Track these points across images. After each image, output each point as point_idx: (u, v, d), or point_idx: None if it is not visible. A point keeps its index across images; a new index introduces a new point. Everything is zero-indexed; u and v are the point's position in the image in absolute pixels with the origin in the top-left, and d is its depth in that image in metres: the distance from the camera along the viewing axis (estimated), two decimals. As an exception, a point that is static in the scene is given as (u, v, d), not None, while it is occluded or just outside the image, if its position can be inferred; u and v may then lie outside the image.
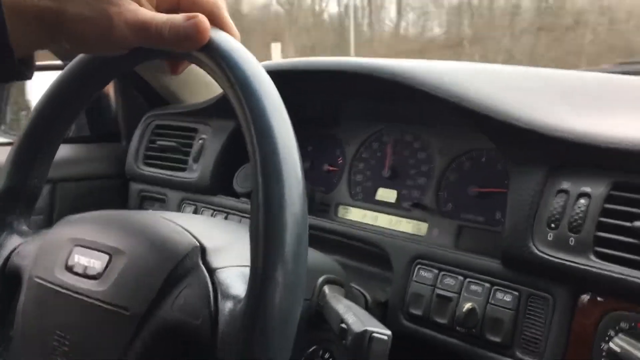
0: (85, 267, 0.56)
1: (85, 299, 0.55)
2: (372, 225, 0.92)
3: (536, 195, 0.65)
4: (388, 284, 0.79)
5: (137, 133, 1.15)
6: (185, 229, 0.57)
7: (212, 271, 0.52)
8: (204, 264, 0.53)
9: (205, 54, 0.50)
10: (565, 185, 0.64)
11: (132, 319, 0.51)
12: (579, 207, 0.62)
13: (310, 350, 0.65)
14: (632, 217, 0.58)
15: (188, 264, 0.52)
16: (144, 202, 1.13)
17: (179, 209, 1.06)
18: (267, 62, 0.88)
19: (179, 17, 0.47)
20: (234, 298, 0.48)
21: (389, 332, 0.54)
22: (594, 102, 0.75)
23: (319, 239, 0.87)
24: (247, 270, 0.46)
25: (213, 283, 0.51)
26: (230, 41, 0.49)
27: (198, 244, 0.54)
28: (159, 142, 1.10)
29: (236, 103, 0.47)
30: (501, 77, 0.80)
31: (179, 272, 0.52)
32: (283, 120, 0.47)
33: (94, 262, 0.56)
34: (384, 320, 0.77)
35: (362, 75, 0.77)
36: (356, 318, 0.55)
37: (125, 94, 1.20)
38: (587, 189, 0.62)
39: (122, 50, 0.49)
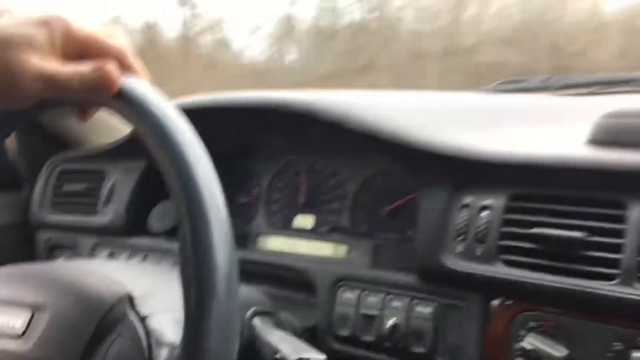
0: (5, 327, 0.54)
1: (9, 359, 0.52)
2: (293, 252, 0.94)
3: (443, 211, 0.70)
4: (314, 308, 0.81)
5: (41, 179, 1.11)
6: (109, 276, 0.56)
7: (142, 319, 0.52)
8: (134, 312, 0.52)
9: (118, 102, 0.50)
10: (467, 200, 0.69)
11: None
12: (482, 220, 0.67)
13: None
14: (530, 224, 0.64)
15: (117, 313, 0.52)
16: (54, 251, 1.08)
17: (92, 254, 1.03)
18: (177, 101, 0.88)
19: (87, 68, 0.46)
20: (169, 345, 0.48)
21: (323, 356, 0.56)
22: (486, 121, 0.82)
23: (242, 272, 0.87)
24: (179, 315, 0.45)
25: (145, 330, 0.51)
26: (141, 87, 0.49)
27: (125, 291, 0.54)
28: (65, 188, 1.07)
29: (156, 150, 0.48)
30: (403, 102, 0.85)
31: (108, 322, 0.51)
32: (204, 164, 0.47)
33: (15, 320, 0.54)
34: (313, 344, 0.79)
35: (271, 109, 0.80)
36: (289, 346, 0.57)
37: (24, 139, 1.15)
38: (488, 202, 0.68)
39: (28, 102, 0.47)
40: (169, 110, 0.49)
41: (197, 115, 0.88)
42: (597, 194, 0.61)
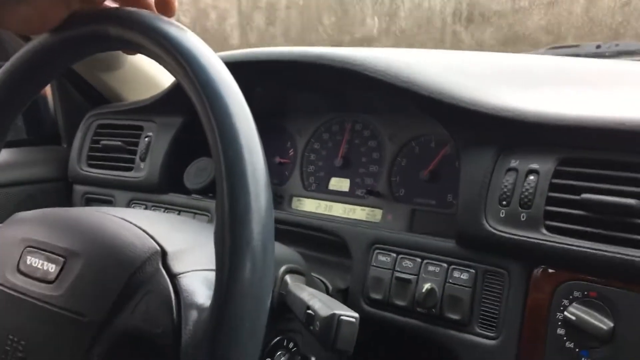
0: (39, 270, 0.54)
1: (40, 303, 0.52)
2: (327, 214, 0.93)
3: (487, 175, 0.67)
4: (347, 271, 0.80)
5: (79, 134, 1.11)
6: (145, 230, 0.55)
7: (174, 276, 0.50)
8: (165, 269, 0.51)
9: (161, 49, 0.48)
10: (514, 163, 0.66)
11: (89, 326, 0.49)
12: (528, 184, 0.64)
13: (274, 341, 0.64)
14: (579, 190, 0.61)
15: (148, 270, 0.50)
16: (89, 204, 1.09)
17: (127, 209, 1.03)
18: (220, 54, 0.86)
19: None
20: (198, 307, 0.47)
21: (356, 315, 0.55)
22: (536, 82, 0.78)
23: (275, 231, 0.85)
24: (211, 275, 0.44)
25: (175, 289, 0.49)
26: (187, 36, 0.48)
27: (158, 247, 0.52)
28: (102, 142, 1.07)
29: (197, 100, 0.46)
30: (448, 61, 0.81)
31: (139, 277, 0.50)
32: (248, 123, 0.45)
33: (48, 264, 0.54)
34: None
35: (312, 63, 0.77)
36: (322, 303, 0.55)
37: (63, 94, 1.16)
38: (535, 166, 0.64)
39: (61, 15, 0.48)
40: (217, 66, 0.46)
41: (234, 70, 0.86)
42: (654, 159, 0.58)
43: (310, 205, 0.96)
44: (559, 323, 0.61)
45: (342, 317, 0.53)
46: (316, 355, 0.66)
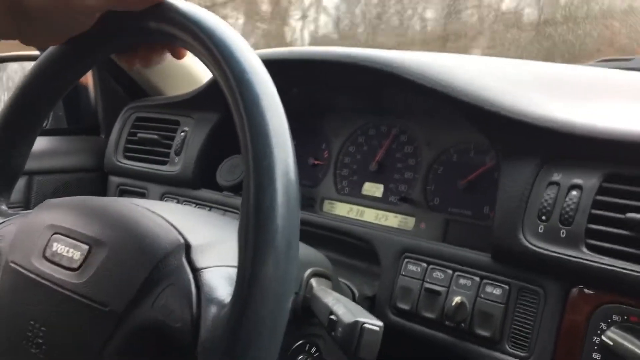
0: (63, 257, 0.54)
1: (62, 290, 0.52)
2: (359, 219, 0.91)
3: (527, 187, 0.64)
4: (375, 278, 0.78)
5: (117, 125, 1.12)
6: (170, 222, 0.54)
7: (196, 271, 0.49)
8: (188, 262, 0.50)
9: (197, 41, 0.48)
10: (556, 177, 0.63)
11: (110, 316, 0.49)
12: (571, 199, 0.61)
13: (297, 345, 0.63)
14: (624, 208, 0.58)
15: (172, 262, 0.50)
16: (123, 196, 1.10)
17: (160, 203, 1.03)
18: (257, 51, 0.85)
19: None
20: (218, 303, 0.46)
21: (380, 323, 0.53)
22: (583, 94, 0.75)
23: (305, 234, 0.84)
24: (234, 272, 0.43)
25: (197, 284, 0.48)
26: (223, 28, 0.47)
27: (183, 240, 0.51)
28: (139, 135, 1.08)
29: (230, 95, 0.45)
30: (490, 68, 0.79)
31: (162, 270, 0.49)
32: (279, 118, 0.44)
33: (73, 252, 0.54)
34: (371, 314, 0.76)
35: (351, 64, 0.75)
36: (346, 309, 0.54)
37: (104, 85, 1.17)
38: (579, 181, 0.61)
39: (91, 16, 0.49)
40: (251, 59, 0.46)
41: (271, 68, 0.86)
42: None
43: (342, 209, 0.95)
44: (595, 347, 0.57)
45: (365, 325, 0.52)
46: None
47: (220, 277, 0.49)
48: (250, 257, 0.41)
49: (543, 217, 0.62)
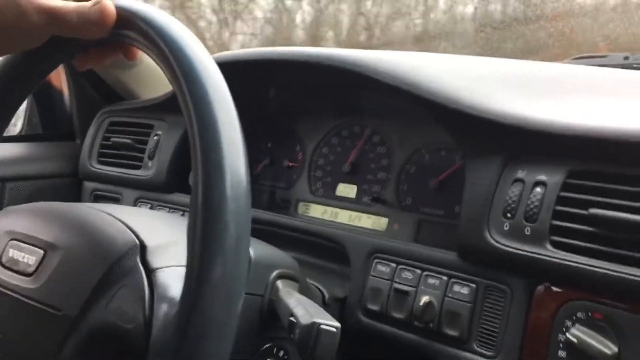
0: (19, 263, 0.53)
1: (17, 296, 0.51)
2: (332, 221, 0.90)
3: (492, 185, 0.64)
4: (347, 280, 0.77)
5: (91, 130, 1.11)
6: (126, 224, 0.53)
7: (150, 272, 0.49)
8: (142, 263, 0.50)
9: (141, 36, 0.47)
10: (520, 174, 0.62)
11: (64, 320, 0.48)
12: (535, 196, 0.60)
13: (264, 348, 0.62)
14: (588, 204, 0.57)
15: (126, 264, 0.49)
16: (97, 201, 1.09)
17: (134, 208, 1.02)
18: (222, 53, 0.85)
19: (87, 4, 0.48)
20: (170, 301, 0.45)
21: (337, 324, 0.52)
22: (550, 91, 0.74)
23: (278, 236, 0.84)
24: None
25: (150, 284, 0.48)
26: (171, 24, 0.47)
27: (138, 241, 0.51)
28: (113, 139, 1.07)
29: (176, 87, 0.45)
30: (456, 66, 0.78)
31: (116, 272, 0.49)
32: (228, 110, 0.44)
33: (28, 257, 0.53)
34: (341, 317, 0.75)
35: (317, 64, 0.75)
36: (305, 311, 0.53)
37: (78, 90, 1.16)
38: (543, 178, 0.61)
39: (36, 40, 0.49)
40: (198, 51, 0.45)
41: (240, 69, 0.85)
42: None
43: (316, 211, 0.94)
44: (561, 345, 0.57)
45: (322, 327, 0.51)
46: None
47: (175, 277, 0.48)
48: (198, 254, 0.40)
49: (508, 215, 0.62)
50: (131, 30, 0.48)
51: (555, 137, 0.60)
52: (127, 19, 0.48)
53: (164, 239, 0.53)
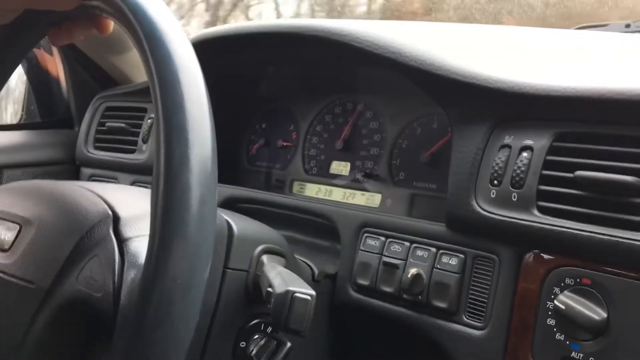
0: None
1: None
2: (327, 199, 0.89)
3: (478, 152, 0.62)
4: (339, 257, 0.76)
5: (87, 116, 1.11)
6: (101, 196, 0.53)
7: (122, 241, 0.48)
8: (115, 233, 0.49)
9: (106, 4, 0.47)
10: (507, 139, 0.61)
11: (37, 293, 0.47)
12: (521, 161, 0.59)
13: (251, 324, 0.61)
14: (575, 167, 0.55)
15: (98, 234, 0.48)
16: (95, 186, 1.09)
17: (130, 192, 1.02)
18: (206, 30, 0.84)
19: None
20: (139, 267, 0.45)
21: (312, 292, 0.51)
22: (536, 55, 0.72)
23: (273, 215, 0.83)
24: None
25: (122, 253, 0.47)
26: None
27: (111, 212, 0.50)
28: (108, 124, 1.06)
29: (140, 51, 0.44)
30: (441, 33, 0.76)
31: (88, 242, 0.48)
32: (191, 70, 0.42)
33: (5, 233, 0.52)
34: (332, 292, 0.74)
35: (300, 35, 0.73)
36: (281, 280, 0.52)
37: (74, 77, 1.16)
38: (530, 142, 0.59)
39: (10, 14, 0.49)
40: (161, 15, 0.44)
41: (225, 43, 0.84)
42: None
43: (311, 190, 0.93)
44: (549, 313, 0.55)
45: (296, 294, 0.50)
46: (292, 340, 0.63)
47: (146, 245, 0.48)
48: (160, 215, 0.39)
49: (495, 182, 0.60)
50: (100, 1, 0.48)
51: (540, 99, 0.58)
52: None
53: (138, 210, 0.52)
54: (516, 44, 0.77)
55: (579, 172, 0.54)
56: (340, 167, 0.90)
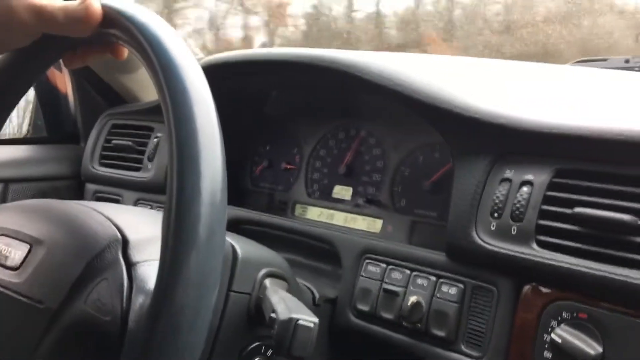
0: (6, 257, 0.54)
1: (2, 290, 0.52)
2: (328, 223, 0.90)
3: (479, 185, 0.63)
4: (339, 281, 0.77)
5: (93, 132, 1.12)
6: (110, 219, 0.54)
7: (131, 265, 0.49)
8: (124, 257, 0.50)
9: (124, 33, 0.48)
10: (508, 173, 0.62)
11: (45, 313, 0.48)
12: (522, 195, 0.60)
13: (252, 347, 0.62)
14: (574, 204, 0.57)
15: (107, 257, 0.49)
16: (100, 203, 1.10)
17: (134, 209, 1.03)
18: (216, 55, 0.86)
19: (74, 3, 0.49)
20: (147, 293, 0.46)
21: (315, 320, 0.52)
22: (539, 92, 0.74)
23: (274, 237, 0.85)
24: None
25: (130, 278, 0.48)
26: (151, 19, 0.48)
27: (120, 235, 0.51)
28: (114, 142, 1.08)
29: (155, 82, 0.45)
30: (446, 66, 0.78)
31: (97, 265, 0.49)
32: (205, 104, 0.44)
33: (15, 252, 0.53)
34: (332, 317, 0.75)
35: (310, 65, 0.75)
36: (285, 307, 0.53)
37: (82, 93, 1.18)
38: (530, 177, 0.60)
39: (26, 39, 0.51)
40: (178, 48, 0.46)
41: (239, 72, 0.86)
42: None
43: (312, 213, 0.94)
44: (546, 346, 0.56)
45: (299, 322, 0.51)
46: None
47: (155, 270, 0.48)
48: (171, 245, 0.40)
49: (495, 214, 0.62)
50: (116, 28, 0.49)
51: (542, 137, 0.60)
52: (112, 17, 0.49)
53: (147, 234, 0.53)
54: (518, 78, 0.79)
55: (577, 209, 0.55)
56: (343, 192, 0.91)
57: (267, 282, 0.63)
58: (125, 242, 0.51)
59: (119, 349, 0.45)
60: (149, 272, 0.49)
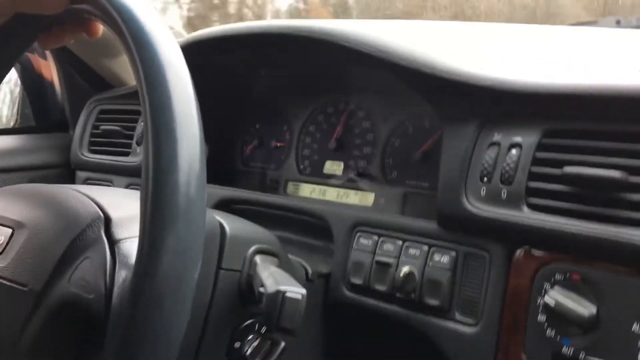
0: None
1: None
2: (320, 199, 0.89)
3: (468, 150, 0.62)
4: (332, 256, 0.76)
5: (81, 119, 1.11)
6: (92, 199, 0.53)
7: (114, 242, 0.49)
8: (106, 235, 0.49)
9: (95, 7, 0.47)
10: (497, 137, 0.61)
11: (29, 295, 0.48)
12: (510, 158, 0.59)
13: (245, 324, 0.61)
14: (563, 164, 0.56)
15: (89, 236, 0.49)
16: (90, 190, 1.09)
17: (125, 194, 1.02)
18: (198, 32, 0.84)
19: None
20: (130, 268, 0.45)
21: (303, 291, 0.51)
22: (525, 54, 0.72)
23: (267, 216, 0.84)
24: None
25: (113, 255, 0.48)
26: None
27: (102, 214, 0.51)
28: (102, 127, 1.07)
29: (127, 53, 0.44)
30: (430, 31, 0.77)
31: (79, 244, 0.48)
32: (178, 71, 0.43)
33: None
34: (326, 292, 0.74)
35: (289, 35, 0.74)
36: (273, 280, 0.52)
37: (68, 81, 1.16)
38: (518, 139, 0.59)
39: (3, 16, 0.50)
40: (147, 15, 0.45)
41: (212, 44, 0.84)
42: (642, 128, 0.52)
43: (305, 191, 0.93)
44: (540, 309, 0.55)
45: (287, 294, 0.50)
46: (286, 340, 0.63)
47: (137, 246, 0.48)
48: (149, 215, 0.39)
49: (485, 179, 0.61)
50: (87, 3, 0.48)
51: (528, 97, 0.59)
52: None
53: (129, 211, 0.52)
54: (506, 41, 0.78)
55: (567, 168, 0.54)
56: (334, 167, 0.90)
57: (258, 258, 0.62)
58: (107, 220, 0.50)
59: (104, 326, 0.45)
60: (131, 248, 0.48)
